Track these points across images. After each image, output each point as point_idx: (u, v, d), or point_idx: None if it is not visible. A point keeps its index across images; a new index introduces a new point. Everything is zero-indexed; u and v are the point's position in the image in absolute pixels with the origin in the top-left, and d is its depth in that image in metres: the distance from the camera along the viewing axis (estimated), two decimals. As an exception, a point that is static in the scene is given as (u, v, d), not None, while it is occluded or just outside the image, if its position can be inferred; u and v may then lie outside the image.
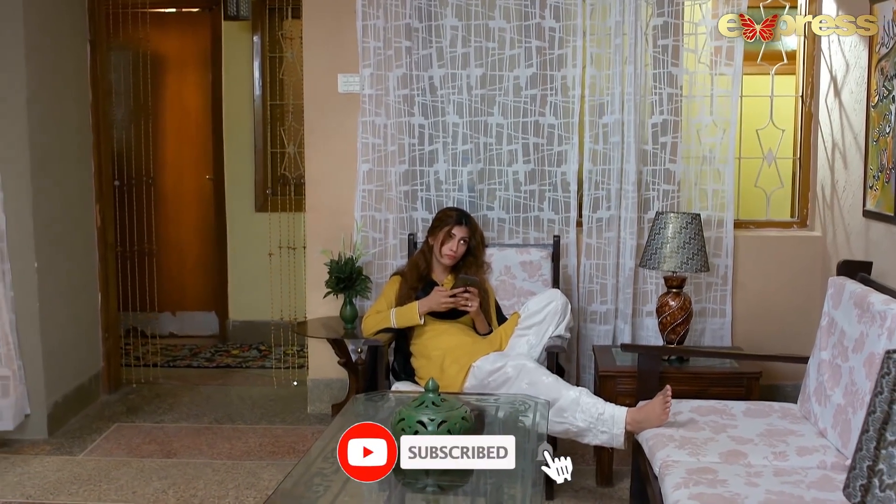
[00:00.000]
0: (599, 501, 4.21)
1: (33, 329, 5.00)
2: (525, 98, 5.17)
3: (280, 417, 5.45)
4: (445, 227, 4.51)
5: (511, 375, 4.04)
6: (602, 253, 5.18)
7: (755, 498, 2.95)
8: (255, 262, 6.90)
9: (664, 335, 4.60)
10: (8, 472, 4.55)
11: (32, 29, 4.92)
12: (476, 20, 5.15)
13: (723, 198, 5.15)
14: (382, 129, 5.23)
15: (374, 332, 4.45)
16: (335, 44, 5.28)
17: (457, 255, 4.51)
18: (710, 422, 3.70)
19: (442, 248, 4.50)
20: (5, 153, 4.84)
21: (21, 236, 4.93)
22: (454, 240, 4.49)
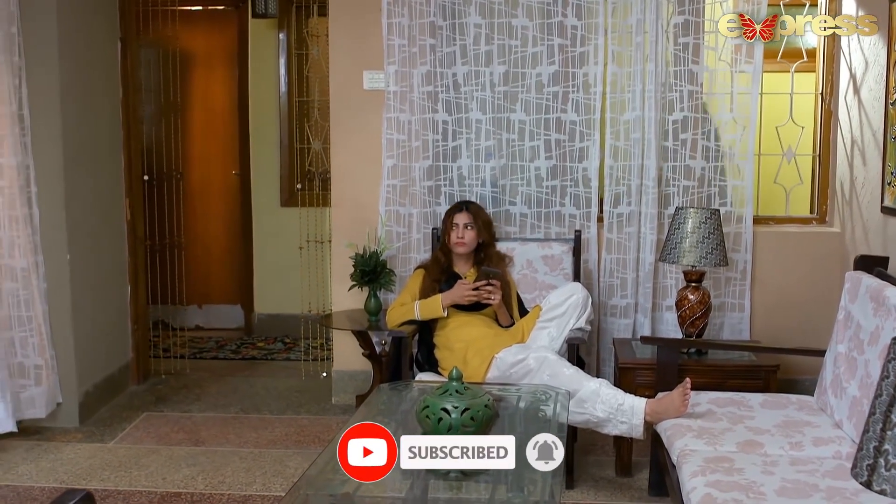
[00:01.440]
0: (618, 491, 4.28)
1: (65, 320, 5.12)
2: (547, 95, 5.25)
3: (305, 408, 5.55)
4: (448, 219, 4.71)
5: (533, 367, 4.13)
6: (622, 248, 5.26)
7: (771, 486, 3.02)
8: (281, 256, 7.02)
9: (683, 328, 4.67)
10: (41, 458, 4.68)
11: (66, 28, 5.03)
12: (499, 18, 5.23)
13: (742, 194, 5.21)
14: (407, 126, 5.32)
15: (399, 324, 4.55)
16: (361, 41, 5.38)
17: (466, 242, 4.65)
18: (727, 413, 3.77)
19: (450, 239, 4.65)
20: (39, 148, 4.95)
21: (54, 229, 5.05)
22: (458, 228, 4.65)
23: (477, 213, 4.73)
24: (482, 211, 4.82)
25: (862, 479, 1.97)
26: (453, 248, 4.69)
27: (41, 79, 4.94)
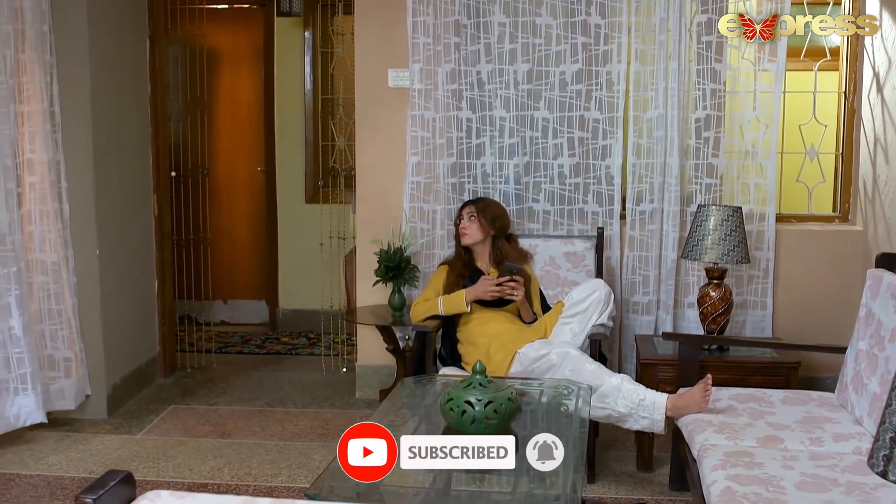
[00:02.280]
0: (639, 485, 4.32)
1: (94, 313, 5.21)
2: (571, 93, 5.29)
3: (329, 402, 5.62)
4: (458, 213, 4.87)
5: (555, 362, 4.17)
6: (645, 245, 5.29)
7: (790, 480, 3.04)
8: (305, 252, 7.08)
9: (705, 325, 4.70)
10: (71, 449, 4.76)
11: (96, 26, 5.11)
12: (523, 17, 5.27)
13: (765, 192, 5.23)
14: (431, 123, 5.37)
15: (423, 319, 4.61)
16: (386, 40, 5.43)
17: (468, 233, 4.73)
18: (748, 408, 3.80)
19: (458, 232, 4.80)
20: (70, 144, 5.03)
21: (84, 224, 5.13)
22: (463, 219, 4.75)
23: (484, 207, 4.77)
24: (492, 206, 4.84)
25: (878, 470, 2.01)
26: (459, 238, 4.79)
27: (72, 76, 5.03)
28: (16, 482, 4.33)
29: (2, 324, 4.67)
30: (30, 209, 4.92)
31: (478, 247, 4.76)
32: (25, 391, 4.76)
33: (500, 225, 4.79)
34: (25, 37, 4.78)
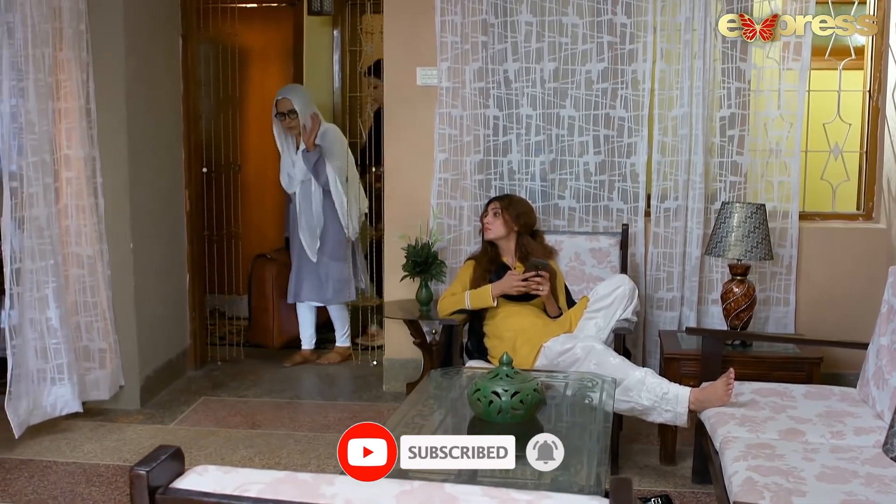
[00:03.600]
0: (662, 478, 4.38)
1: (128, 306, 5.32)
2: (596, 91, 5.35)
3: (357, 395, 5.71)
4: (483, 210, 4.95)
5: (580, 356, 4.24)
6: (669, 242, 5.35)
7: (811, 471, 3.10)
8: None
9: (728, 321, 4.75)
10: (105, 438, 4.88)
11: (131, 25, 5.22)
12: (550, 16, 5.34)
13: (789, 190, 5.27)
14: (459, 121, 5.45)
15: (450, 313, 4.70)
16: (414, 39, 5.51)
17: (491, 228, 4.81)
18: (770, 402, 3.85)
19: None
20: (105, 141, 5.14)
21: (118, 219, 5.24)
22: (488, 214, 4.84)
23: (509, 203, 4.85)
24: (517, 203, 4.91)
25: (893, 455, 2.07)
26: (483, 232, 4.88)
27: (107, 74, 5.13)
28: (53, 469, 4.45)
29: (40, 315, 4.79)
30: (66, 204, 5.03)
31: (503, 242, 4.84)
32: (62, 381, 4.88)
33: (524, 221, 4.85)
34: (63, 35, 4.89)
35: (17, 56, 4.60)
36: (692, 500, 4.13)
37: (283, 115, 6.07)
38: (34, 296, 4.75)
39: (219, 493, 1.45)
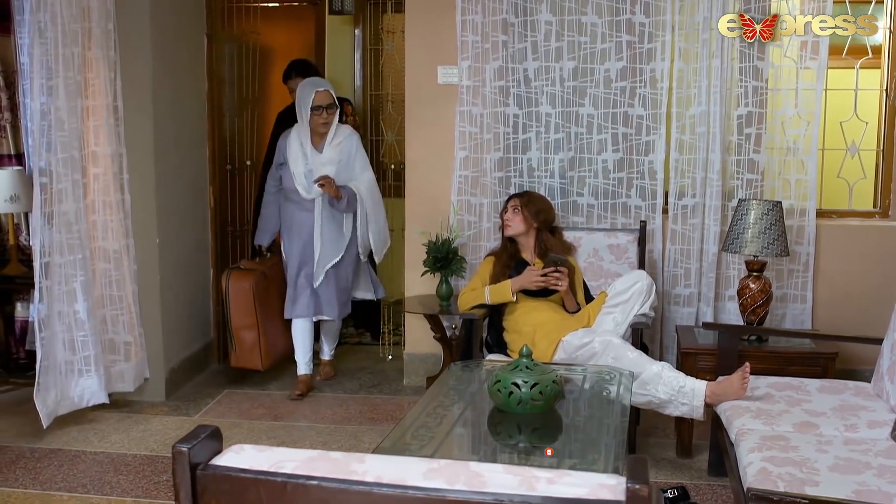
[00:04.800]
0: (678, 471, 4.45)
1: (154, 300, 5.42)
2: (615, 90, 5.42)
3: (378, 388, 5.79)
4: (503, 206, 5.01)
5: (598, 350, 4.31)
6: (686, 238, 5.41)
7: (824, 462, 3.16)
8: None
9: (744, 316, 4.81)
10: (132, 429, 4.98)
11: (157, 24, 5.31)
12: (569, 15, 5.41)
13: (806, 188, 5.32)
14: (479, 119, 5.52)
15: (470, 308, 4.78)
16: (435, 38, 5.58)
17: (511, 225, 4.89)
18: (785, 396, 3.91)
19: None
20: (132, 138, 5.23)
21: (145, 214, 5.34)
22: (508, 211, 4.90)
23: (529, 200, 4.93)
24: (537, 199, 4.99)
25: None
26: (503, 229, 4.95)
27: (134, 72, 5.23)
28: (82, 458, 4.56)
29: (68, 308, 4.89)
30: (93, 199, 5.13)
31: (522, 238, 4.91)
32: (89, 373, 4.98)
33: (543, 218, 4.93)
34: (92, 35, 4.99)
35: (48, 55, 4.70)
36: (708, 492, 4.19)
37: (321, 109, 5.39)
38: (62, 289, 4.86)
39: (255, 469, 1.53)
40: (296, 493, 1.49)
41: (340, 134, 5.51)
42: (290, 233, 5.62)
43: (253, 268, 5.78)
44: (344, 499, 1.48)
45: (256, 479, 1.51)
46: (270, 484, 1.51)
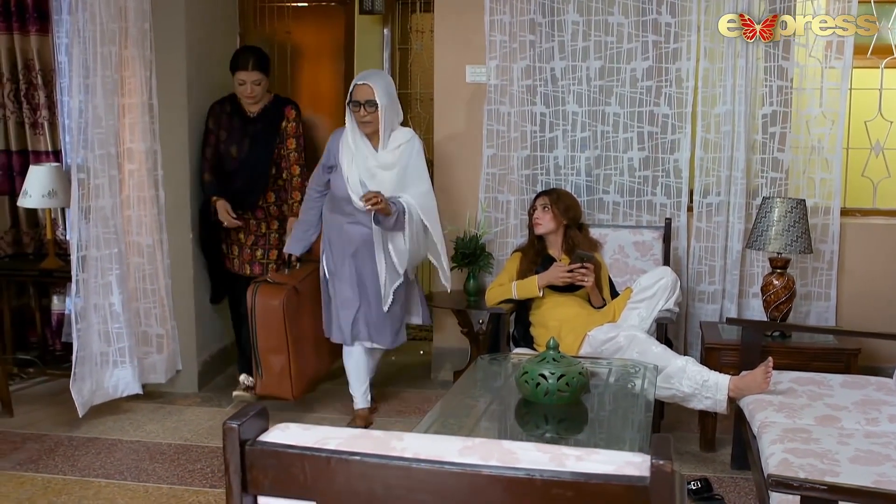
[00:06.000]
0: (702, 464, 4.51)
1: (187, 293, 5.53)
2: (641, 89, 5.48)
3: (406, 382, 5.88)
4: (532, 204, 5.08)
5: (623, 344, 4.39)
6: (711, 236, 5.46)
7: (845, 454, 3.23)
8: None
9: (768, 313, 4.87)
10: (166, 419, 5.10)
11: (192, 24, 5.42)
12: (596, 16, 5.47)
13: (830, 186, 5.36)
14: (506, 117, 5.60)
15: (497, 303, 4.87)
16: (464, 37, 5.67)
17: (542, 223, 4.95)
18: (807, 391, 3.97)
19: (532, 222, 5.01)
20: (166, 135, 5.34)
21: (178, 210, 5.44)
22: (537, 210, 4.98)
23: (557, 198, 5.00)
24: (565, 197, 5.06)
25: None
26: (533, 227, 5.01)
27: (169, 71, 5.33)
28: (118, 447, 4.68)
29: (103, 300, 5.01)
30: (129, 195, 5.24)
31: (550, 236, 4.99)
32: (123, 364, 5.10)
33: (572, 215, 5.01)
34: (128, 34, 5.10)
35: (86, 54, 4.82)
36: (731, 484, 4.26)
37: (359, 104, 4.68)
38: (98, 282, 4.98)
39: (301, 445, 1.63)
40: (338, 468, 1.58)
41: (400, 137, 4.81)
42: (334, 247, 4.92)
43: (283, 282, 5.07)
44: (384, 473, 1.57)
45: (302, 454, 1.60)
46: (314, 459, 1.59)
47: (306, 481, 1.59)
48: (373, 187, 4.64)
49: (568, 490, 1.49)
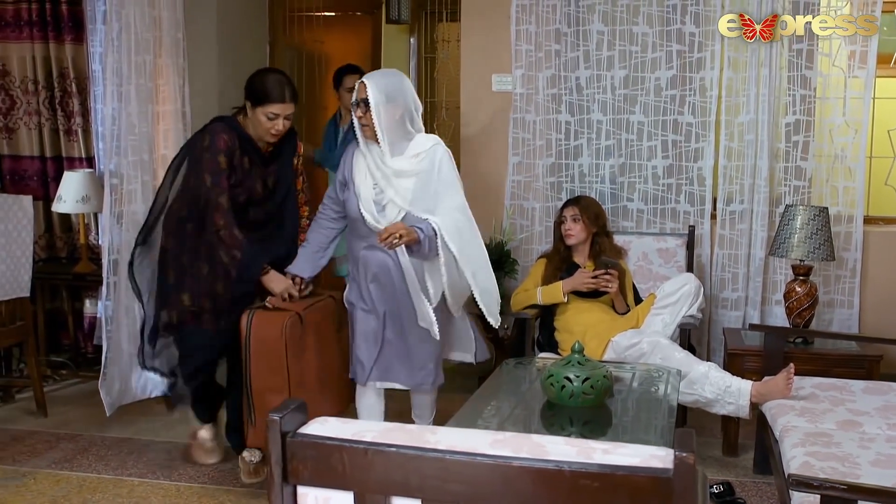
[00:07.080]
0: (724, 468, 4.55)
1: (217, 298, 5.60)
2: (665, 98, 5.54)
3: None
4: (560, 213, 5.06)
5: (646, 350, 4.44)
6: (734, 244, 5.51)
7: (866, 458, 3.27)
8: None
9: (790, 319, 4.90)
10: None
11: (224, 34, 5.54)
12: (620, 25, 5.54)
13: (853, 195, 5.39)
14: (532, 125, 5.68)
15: (522, 308, 4.93)
16: (490, 47, 5.75)
17: (573, 234, 4.95)
18: (829, 396, 4.01)
19: (562, 233, 4.99)
20: (198, 142, 5.44)
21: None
22: (567, 220, 4.96)
23: (586, 206, 5.00)
24: (593, 204, 5.07)
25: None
26: (564, 239, 5.01)
27: (201, 79, 5.45)
28: (151, 447, 4.78)
29: (134, 303, 5.09)
30: (161, 201, 5.34)
31: (579, 244, 5.04)
32: (152, 365, 5.19)
33: (601, 223, 5.05)
34: (162, 43, 5.21)
35: (120, 62, 4.92)
36: (753, 489, 4.30)
37: (356, 103, 4.01)
38: (129, 286, 5.06)
39: (339, 437, 1.70)
40: (376, 459, 1.65)
41: (419, 145, 4.08)
42: (355, 275, 4.23)
43: (285, 308, 4.09)
44: (419, 464, 1.64)
45: (340, 445, 1.67)
46: (353, 450, 1.67)
47: (344, 471, 1.66)
48: (390, 194, 4.00)
49: (595, 481, 1.55)
